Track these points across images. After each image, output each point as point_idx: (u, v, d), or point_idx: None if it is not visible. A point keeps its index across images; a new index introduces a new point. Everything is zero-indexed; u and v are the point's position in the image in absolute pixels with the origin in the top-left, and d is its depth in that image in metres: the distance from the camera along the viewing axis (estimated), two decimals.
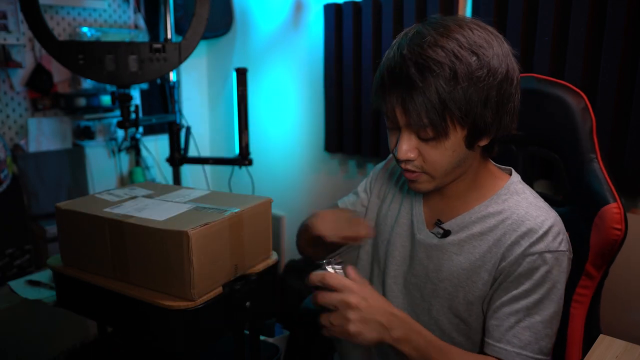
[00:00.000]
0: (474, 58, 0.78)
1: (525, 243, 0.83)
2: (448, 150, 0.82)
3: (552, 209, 0.87)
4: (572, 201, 1.03)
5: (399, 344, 0.80)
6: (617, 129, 1.39)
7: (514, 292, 0.83)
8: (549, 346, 0.84)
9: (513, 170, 0.94)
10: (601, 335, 0.79)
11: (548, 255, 0.82)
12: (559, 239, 0.83)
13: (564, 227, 0.86)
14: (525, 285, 0.83)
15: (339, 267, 0.83)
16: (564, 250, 0.83)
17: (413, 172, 0.86)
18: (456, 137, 0.81)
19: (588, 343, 0.98)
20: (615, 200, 0.93)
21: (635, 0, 1.31)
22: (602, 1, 1.37)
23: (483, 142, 0.84)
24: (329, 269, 0.83)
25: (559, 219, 0.86)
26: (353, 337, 0.78)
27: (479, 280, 0.86)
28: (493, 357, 0.83)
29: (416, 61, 0.78)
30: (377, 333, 0.79)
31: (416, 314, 0.94)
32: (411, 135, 0.82)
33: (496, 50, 0.79)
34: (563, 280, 0.84)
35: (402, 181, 1.03)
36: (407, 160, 0.84)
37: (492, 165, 0.94)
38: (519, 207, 0.86)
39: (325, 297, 0.80)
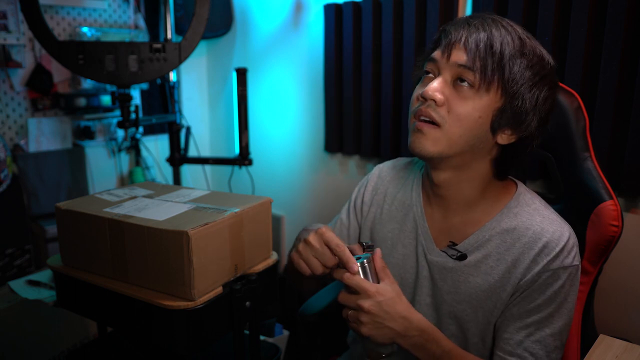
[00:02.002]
0: (538, 48, 0.81)
1: (542, 261, 0.82)
2: (476, 111, 0.79)
3: (562, 218, 0.86)
4: (566, 199, 1.03)
5: (414, 350, 0.81)
6: (617, 129, 1.39)
7: (527, 307, 0.83)
8: (559, 357, 0.84)
9: (513, 178, 0.93)
10: (601, 335, 0.79)
11: (562, 272, 0.82)
12: (572, 253, 0.83)
13: (575, 237, 0.85)
14: (538, 300, 0.82)
15: (366, 264, 0.82)
16: (577, 265, 0.83)
17: (427, 122, 0.81)
18: (490, 101, 0.79)
19: (584, 340, 0.98)
20: (611, 198, 0.94)
21: (635, 0, 1.31)
22: (602, 1, 1.37)
23: (505, 136, 0.82)
24: (354, 267, 0.81)
25: (571, 229, 0.85)
26: (366, 338, 0.80)
27: (499, 301, 0.85)
28: None
29: (493, 18, 0.81)
30: (390, 338, 0.79)
31: None
32: (449, 79, 0.81)
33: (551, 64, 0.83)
34: (574, 292, 0.84)
35: (392, 198, 1.00)
36: (432, 102, 0.80)
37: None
38: (533, 222, 0.84)
39: (344, 297, 0.81)
